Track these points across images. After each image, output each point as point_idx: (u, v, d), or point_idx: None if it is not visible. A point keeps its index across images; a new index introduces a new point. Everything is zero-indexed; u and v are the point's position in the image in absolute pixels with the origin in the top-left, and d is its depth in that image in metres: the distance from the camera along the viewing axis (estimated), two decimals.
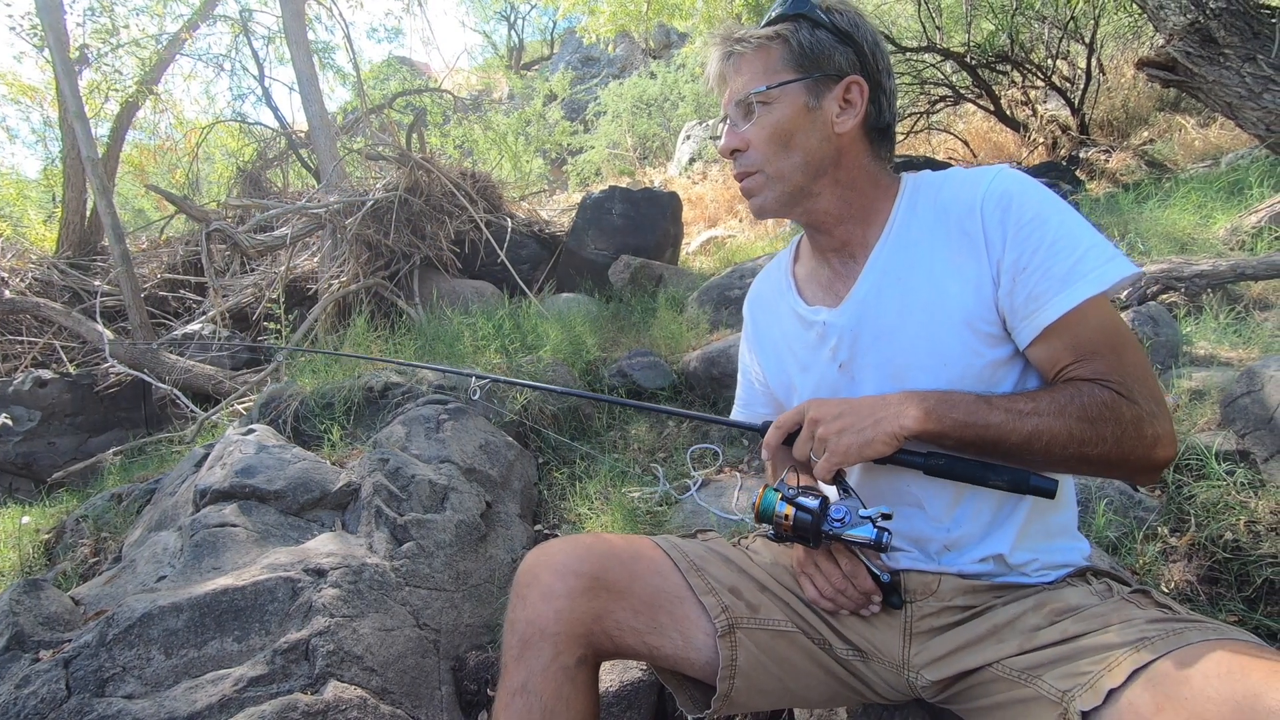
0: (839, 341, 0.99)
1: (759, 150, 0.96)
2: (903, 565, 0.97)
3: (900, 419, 0.84)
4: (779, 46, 0.94)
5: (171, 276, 6.15)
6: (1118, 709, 0.70)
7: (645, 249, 5.65)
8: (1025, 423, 0.82)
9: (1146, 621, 0.78)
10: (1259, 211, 3.46)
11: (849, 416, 0.86)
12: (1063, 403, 0.82)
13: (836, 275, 1.02)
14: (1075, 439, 0.81)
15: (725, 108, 1.00)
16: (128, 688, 1.40)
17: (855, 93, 0.95)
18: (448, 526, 1.98)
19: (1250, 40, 4.11)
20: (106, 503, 2.79)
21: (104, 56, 6.71)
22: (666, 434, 2.96)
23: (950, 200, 0.94)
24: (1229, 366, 2.32)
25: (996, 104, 7.38)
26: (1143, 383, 0.83)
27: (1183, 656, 0.69)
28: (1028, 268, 0.86)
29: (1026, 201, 0.88)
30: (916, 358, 0.92)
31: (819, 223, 1.01)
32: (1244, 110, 4.19)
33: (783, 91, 0.94)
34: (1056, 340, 0.86)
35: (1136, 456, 0.82)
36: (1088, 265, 0.84)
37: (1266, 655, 0.66)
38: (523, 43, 18.92)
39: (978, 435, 0.83)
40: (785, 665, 0.97)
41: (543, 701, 0.87)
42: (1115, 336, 0.85)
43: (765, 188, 0.98)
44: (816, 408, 0.89)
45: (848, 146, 0.97)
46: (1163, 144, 6.46)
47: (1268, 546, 1.50)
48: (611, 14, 8.41)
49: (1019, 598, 0.90)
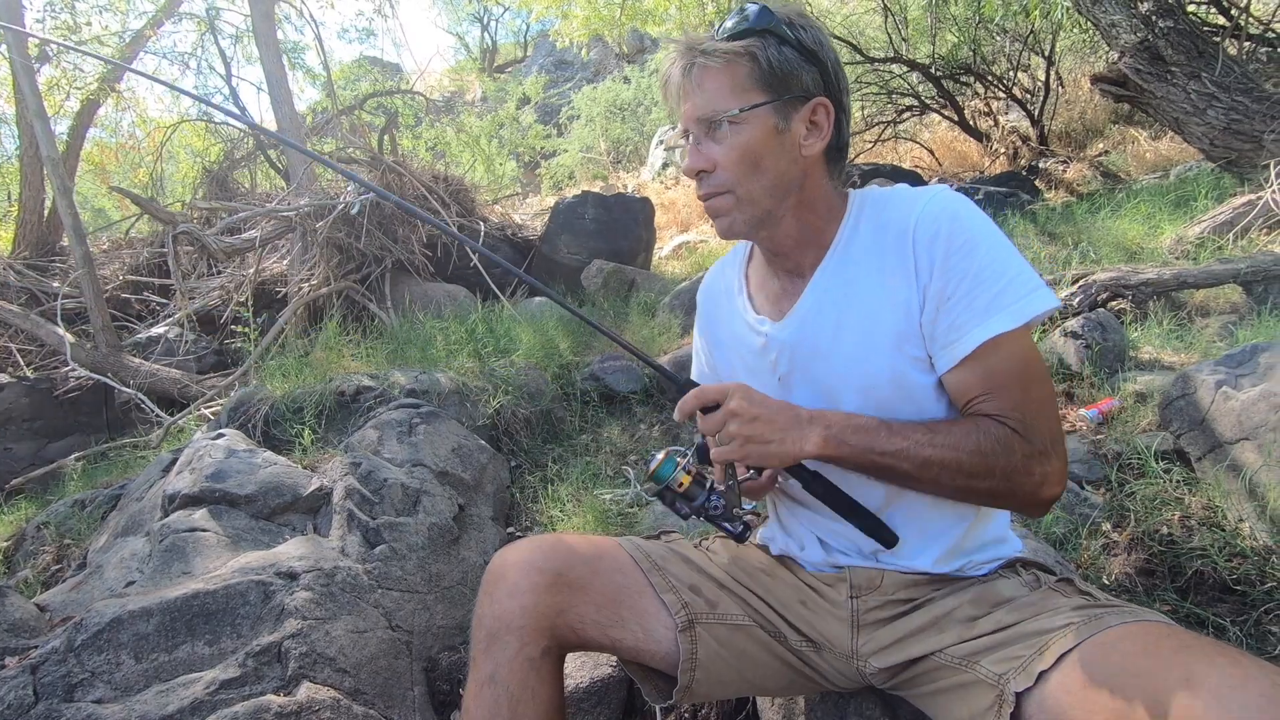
0: (779, 356, 1.01)
1: (728, 171, 0.93)
2: (843, 561, 1.03)
3: (802, 442, 0.88)
4: (747, 63, 0.90)
5: (134, 278, 6.03)
6: (1048, 688, 0.76)
7: (618, 253, 5.70)
8: (920, 451, 0.87)
9: (1071, 609, 0.85)
10: (1202, 223, 3.63)
11: (761, 424, 0.88)
12: (959, 437, 0.87)
13: (784, 291, 1.04)
14: (965, 471, 0.86)
15: (686, 123, 0.96)
16: (97, 693, 1.40)
17: (822, 114, 0.93)
18: (420, 529, 2.01)
19: (1195, 59, 4.31)
20: (69, 509, 2.75)
21: (64, 53, 6.55)
22: (639, 436, 3.00)
23: (888, 221, 0.95)
24: (1171, 370, 2.45)
25: (960, 114, 7.58)
26: (1042, 421, 0.87)
27: (1103, 639, 0.76)
28: (952, 296, 0.88)
29: (957, 228, 0.89)
30: (848, 379, 0.95)
31: (779, 246, 1.01)
32: (1189, 125, 4.40)
33: (753, 114, 0.91)
34: (968, 372, 0.89)
35: (1023, 493, 0.87)
36: (1009, 298, 0.86)
37: (1175, 634, 0.73)
38: (496, 45, 18.85)
39: (873, 461, 0.88)
40: (743, 658, 1.03)
41: (509, 691, 0.92)
42: (1025, 372, 0.88)
43: (735, 209, 0.96)
44: (739, 400, 0.89)
45: (811, 168, 0.96)
46: (1117, 155, 6.70)
47: (1198, 540, 1.60)
48: (585, 19, 8.46)
49: (956, 590, 0.97)
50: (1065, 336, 2.64)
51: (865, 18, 8.06)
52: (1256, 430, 1.72)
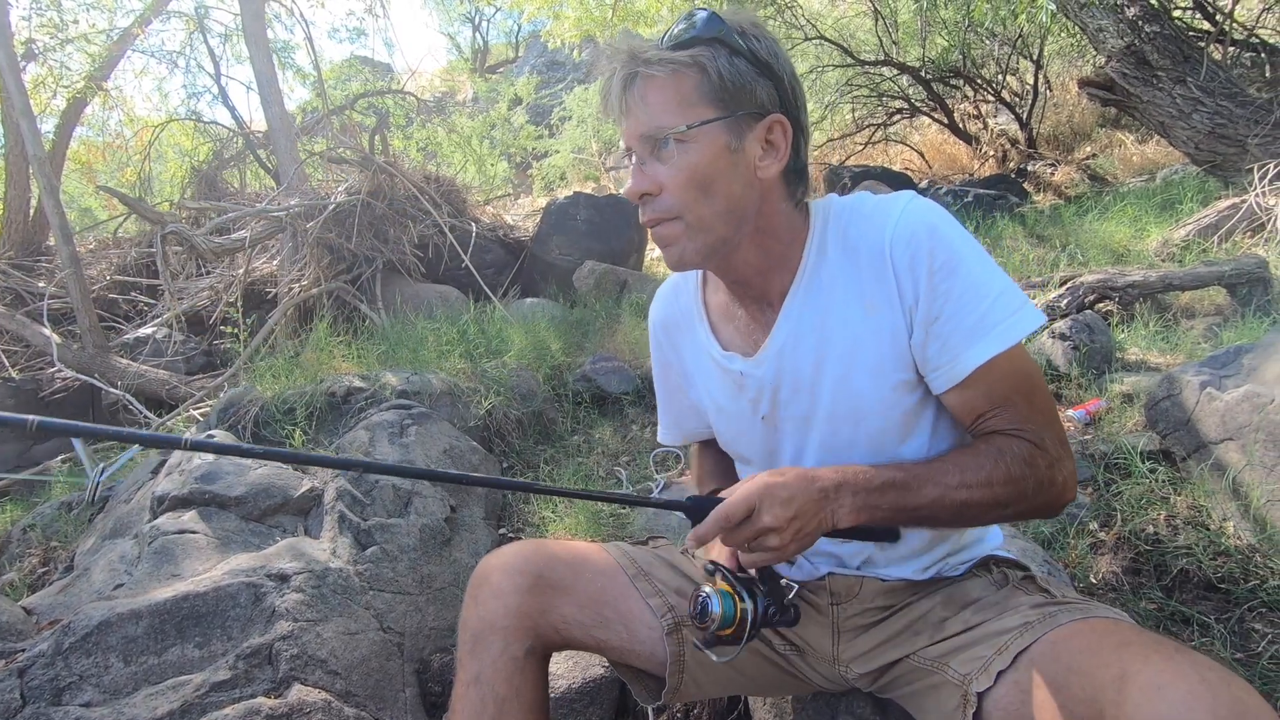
0: (759, 394, 0.96)
1: (674, 195, 0.84)
2: (824, 570, 1.04)
3: (834, 520, 0.82)
4: (694, 75, 0.82)
5: (122, 278, 5.98)
6: (1005, 687, 0.78)
7: (610, 254, 5.70)
8: (955, 496, 0.83)
9: (1030, 607, 0.86)
10: (1187, 225, 3.68)
11: (799, 522, 0.80)
12: (989, 470, 0.83)
13: (753, 321, 0.97)
14: (1000, 503, 0.84)
15: (629, 141, 0.87)
16: (85, 696, 1.39)
17: (779, 133, 0.86)
18: (412, 531, 2.00)
19: (1181, 64, 4.37)
20: (55, 511, 2.72)
21: (50, 51, 6.49)
22: (630, 437, 3.01)
23: (858, 239, 0.89)
24: (1157, 371, 2.48)
25: (950, 117, 7.64)
26: (1051, 428, 0.86)
27: (1054, 637, 0.77)
28: (940, 317, 0.85)
29: (936, 245, 0.84)
30: (836, 413, 0.92)
31: (739, 275, 0.94)
32: (1175, 129, 4.45)
33: (702, 131, 0.82)
34: (971, 391, 0.86)
35: (1048, 502, 0.86)
36: (996, 316, 0.83)
37: (1118, 630, 0.75)
38: (487, 45, 18.81)
39: (909, 518, 0.86)
40: (730, 660, 1.04)
41: (495, 691, 0.92)
42: (1026, 383, 0.86)
43: (684, 237, 0.87)
44: (771, 510, 0.79)
45: (768, 192, 0.88)
46: (1104, 159, 6.78)
47: (1183, 539, 1.62)
48: (576, 20, 8.47)
49: (930, 593, 0.98)
50: (1053, 338, 2.67)
51: (856, 21, 8.10)
52: (1240, 430, 1.75)
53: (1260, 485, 1.63)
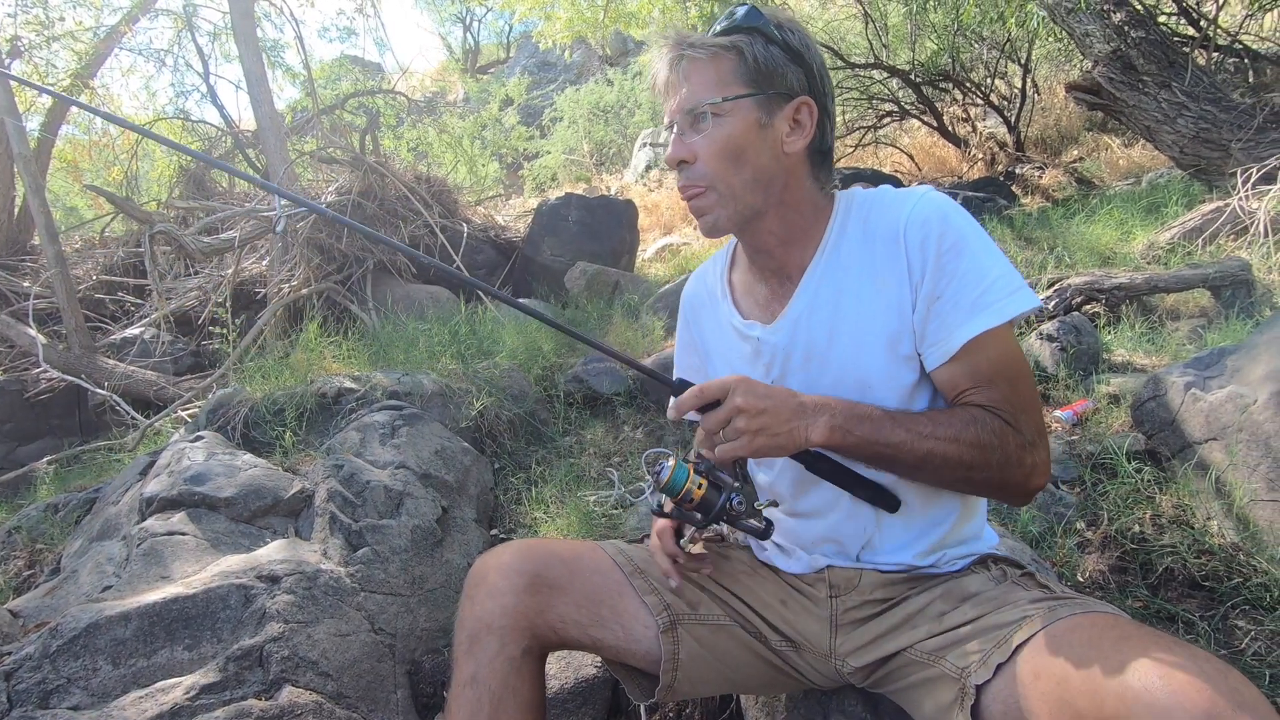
0: (772, 359, 1.01)
1: (708, 164, 0.94)
2: (824, 564, 1.05)
3: (809, 431, 0.87)
4: (733, 57, 0.92)
5: (108, 278, 5.92)
6: (1005, 679, 0.79)
7: (601, 256, 5.70)
8: (922, 444, 0.87)
9: (1029, 601, 0.87)
10: (1172, 229, 3.72)
11: (769, 416, 0.86)
12: (958, 429, 0.87)
13: (773, 294, 1.04)
14: (964, 464, 0.87)
15: (671, 115, 0.97)
16: (73, 699, 1.38)
17: (805, 114, 0.94)
18: (403, 532, 2.00)
19: (1166, 69, 4.42)
20: (41, 513, 2.69)
21: (36, 48, 6.42)
22: (622, 438, 3.01)
23: (877, 223, 0.96)
24: (1143, 373, 2.50)
25: (939, 120, 7.69)
26: (1029, 414, 0.90)
27: (1055, 630, 0.79)
28: (941, 296, 0.90)
29: (947, 229, 0.91)
30: (843, 381, 0.96)
31: (762, 244, 1.01)
32: (1160, 133, 4.50)
33: (736, 105, 0.92)
34: (958, 366, 0.90)
35: (1014, 483, 0.89)
36: (993, 296, 0.88)
37: (1119, 625, 0.76)
38: (478, 46, 18.76)
39: (876, 452, 0.89)
40: (725, 657, 1.04)
41: (491, 691, 0.93)
42: (1011, 368, 0.90)
43: (718, 206, 0.96)
44: (744, 394, 0.85)
45: (794, 167, 0.96)
46: (1091, 162, 6.84)
47: (1168, 538, 1.64)
48: (568, 20, 8.46)
49: (929, 587, 0.99)
50: (1041, 339, 2.70)
51: (846, 24, 8.14)
52: (1224, 431, 1.77)
53: (1243, 484, 1.66)
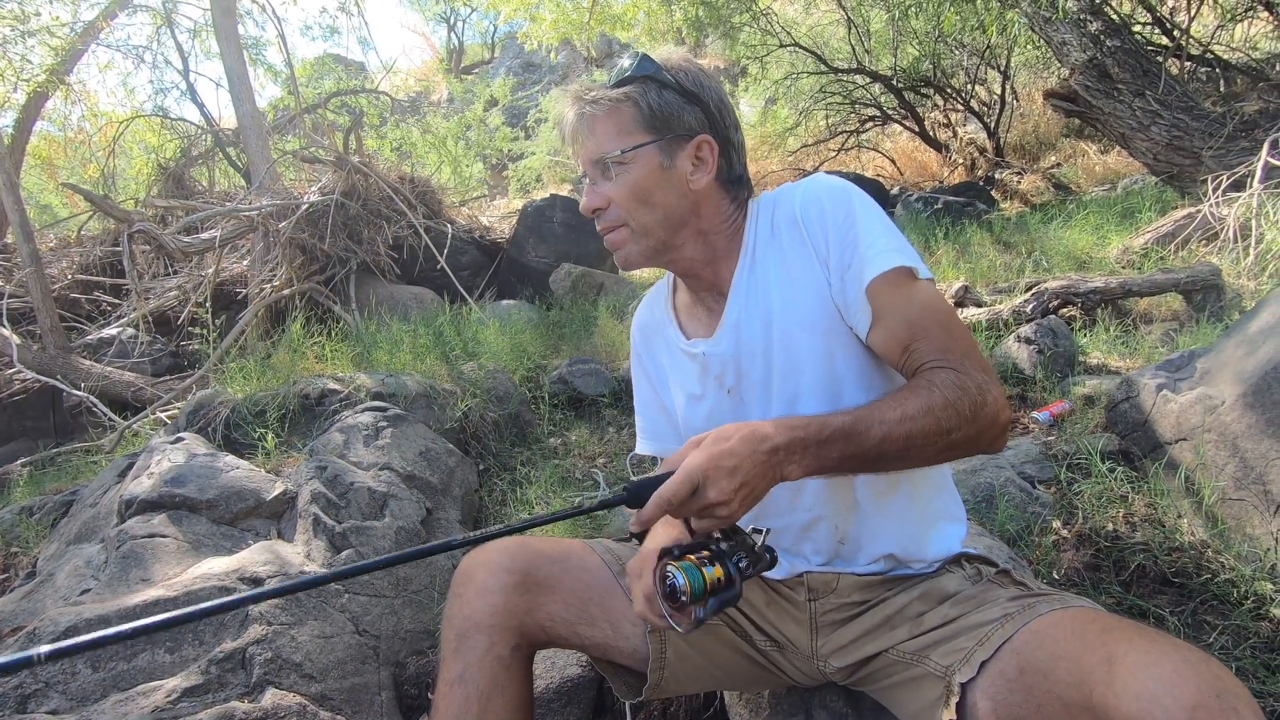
0: (723, 369, 1.04)
1: (620, 207, 0.99)
2: (802, 568, 1.06)
3: (784, 473, 0.82)
4: (629, 108, 0.97)
5: (85, 278, 5.82)
6: (989, 677, 0.81)
7: (586, 257, 5.71)
8: (899, 429, 0.83)
9: (1008, 600, 0.90)
10: (1146, 234, 3.80)
11: (747, 488, 0.79)
12: (924, 399, 0.85)
13: (711, 311, 1.08)
14: (943, 430, 0.84)
15: (582, 165, 1.03)
16: (52, 703, 1.36)
17: (706, 151, 0.99)
18: (387, 533, 1.99)
19: (1140, 77, 4.52)
20: (15, 516, 2.65)
21: (11, 43, 6.31)
22: (607, 439, 3.02)
23: (779, 215, 1.02)
24: (1117, 375, 2.56)
25: (920, 125, 7.79)
26: (971, 355, 0.90)
27: (1036, 626, 0.81)
28: (850, 263, 0.94)
29: (837, 202, 0.97)
30: (793, 371, 0.98)
31: (687, 270, 1.06)
32: (1135, 141, 4.60)
33: (637, 153, 0.97)
34: (888, 321, 0.92)
35: (987, 424, 0.87)
36: (895, 245, 0.94)
37: (1100, 618, 0.78)
38: (463, 46, 18.66)
39: (860, 462, 0.85)
40: (710, 656, 1.06)
41: (479, 689, 0.93)
42: (940, 313, 0.92)
43: (630, 241, 1.02)
44: (715, 484, 0.77)
45: (704, 199, 1.01)
46: (1068, 168, 6.97)
47: (1140, 535, 1.68)
48: (553, 22, 8.47)
49: (906, 588, 1.01)
50: (1019, 342, 2.75)
51: (829, 29, 8.22)
52: (1193, 431, 1.82)
53: (1211, 484, 1.70)
